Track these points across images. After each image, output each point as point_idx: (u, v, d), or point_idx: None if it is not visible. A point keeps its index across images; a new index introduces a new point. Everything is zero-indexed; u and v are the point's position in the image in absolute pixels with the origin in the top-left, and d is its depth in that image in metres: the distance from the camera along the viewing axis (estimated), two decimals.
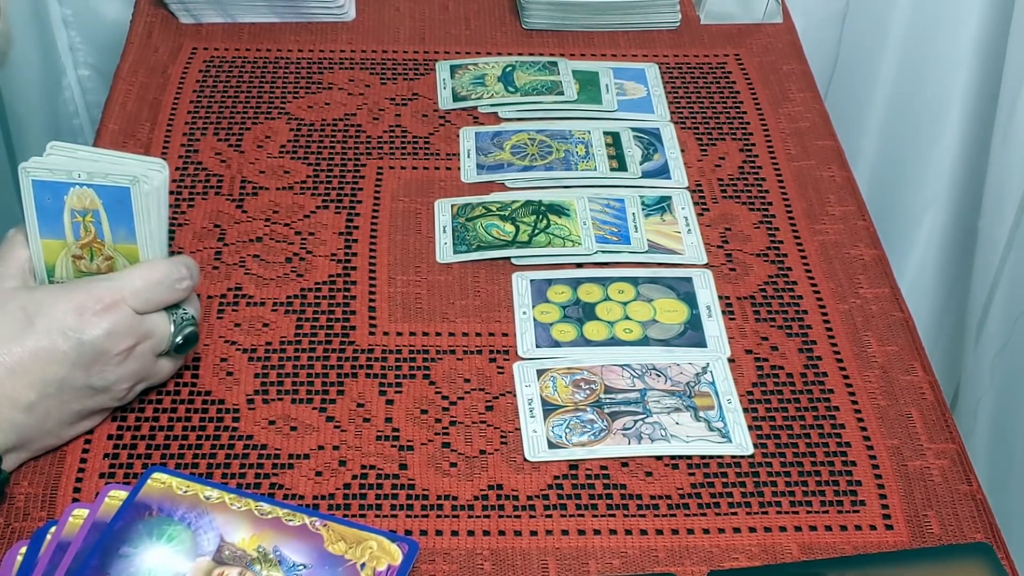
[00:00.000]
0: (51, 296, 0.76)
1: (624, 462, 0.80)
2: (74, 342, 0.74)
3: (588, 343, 0.87)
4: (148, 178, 0.77)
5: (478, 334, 0.88)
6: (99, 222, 0.78)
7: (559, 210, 0.97)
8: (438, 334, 0.88)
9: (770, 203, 1.00)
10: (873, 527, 0.77)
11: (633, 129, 1.06)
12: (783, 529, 0.76)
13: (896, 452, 0.81)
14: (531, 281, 0.92)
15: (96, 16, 1.43)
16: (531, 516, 0.76)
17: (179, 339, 0.80)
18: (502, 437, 0.81)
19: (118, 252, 0.79)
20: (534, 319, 0.89)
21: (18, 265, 0.79)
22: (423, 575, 0.73)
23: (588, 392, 0.84)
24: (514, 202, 0.98)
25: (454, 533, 0.75)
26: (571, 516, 0.77)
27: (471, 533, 0.75)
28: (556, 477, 0.79)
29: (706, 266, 0.94)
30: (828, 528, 0.77)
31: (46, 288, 0.78)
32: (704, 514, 0.77)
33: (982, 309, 1.36)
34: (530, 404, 0.83)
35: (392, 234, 0.96)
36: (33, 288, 0.78)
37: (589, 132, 1.05)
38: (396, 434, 0.81)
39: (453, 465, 0.79)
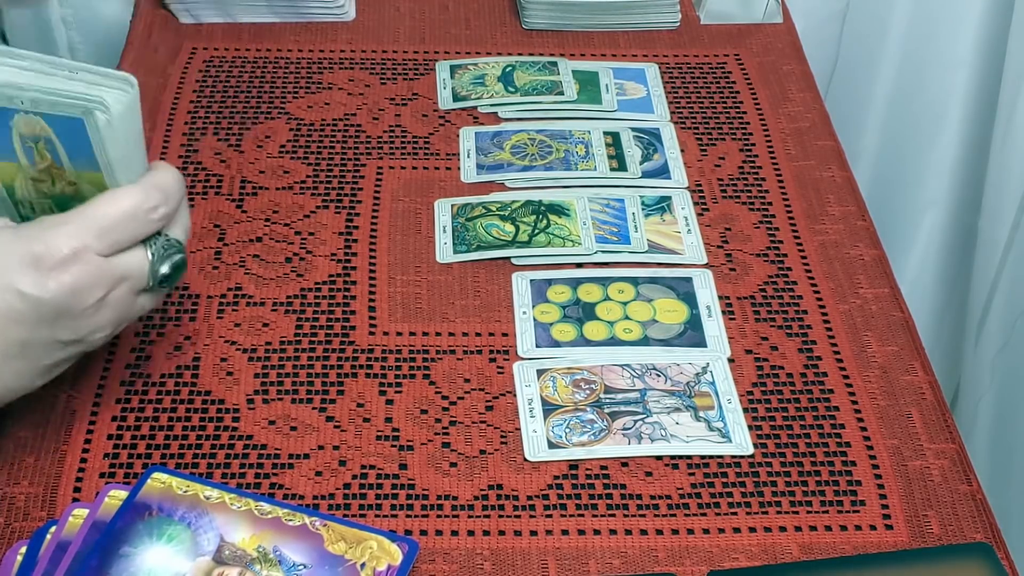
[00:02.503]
0: (3, 248, 0.66)
1: (624, 462, 0.80)
2: (32, 303, 0.65)
3: (588, 343, 0.87)
4: (106, 106, 0.65)
5: (478, 334, 0.88)
6: (54, 149, 0.67)
7: (559, 210, 0.97)
8: (438, 334, 0.88)
9: (770, 203, 1.00)
10: (873, 527, 0.77)
11: (633, 129, 1.06)
12: (783, 529, 0.76)
13: (896, 452, 0.81)
14: (531, 281, 0.92)
15: (96, 16, 1.42)
16: (531, 516, 0.76)
17: (164, 269, 0.70)
18: (502, 437, 0.81)
19: (82, 178, 0.68)
20: (534, 319, 0.89)
21: None
22: (423, 575, 0.73)
23: (588, 392, 0.84)
24: (514, 202, 0.98)
25: (454, 533, 0.75)
26: (571, 516, 0.77)
27: (471, 533, 0.75)
28: (556, 477, 0.79)
29: (706, 266, 0.94)
30: (828, 528, 0.77)
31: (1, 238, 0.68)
32: (704, 514, 0.77)
33: (982, 309, 1.36)
34: (530, 404, 0.83)
35: (392, 234, 0.96)
36: None
37: (589, 132, 1.05)
38: (396, 434, 0.81)
39: (453, 465, 0.79)
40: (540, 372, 0.85)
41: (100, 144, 0.66)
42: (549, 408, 0.83)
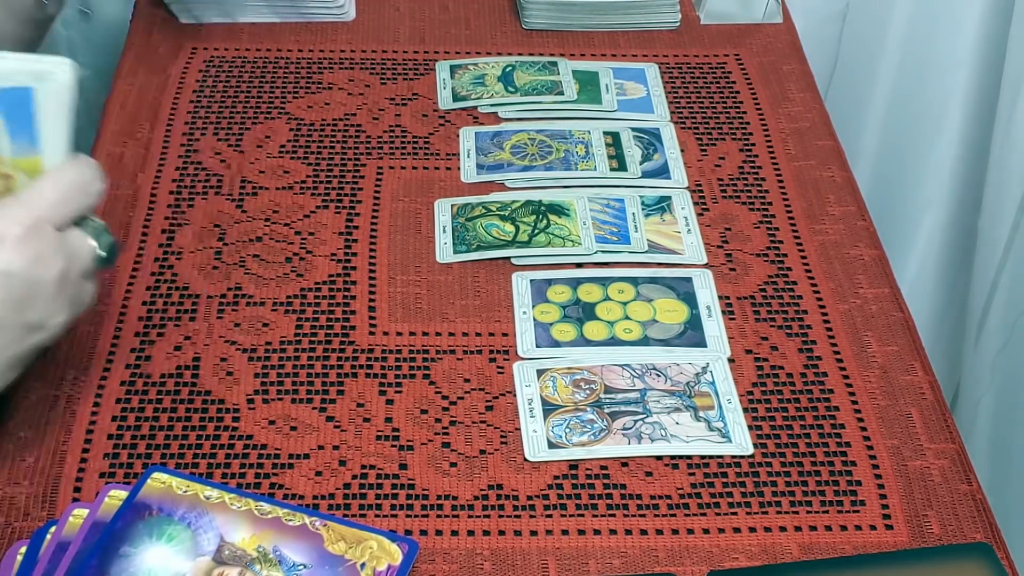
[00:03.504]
0: None
1: (624, 462, 0.80)
2: (2, 280, 0.66)
3: (588, 343, 0.87)
4: (53, 75, 0.68)
5: (478, 334, 0.88)
6: None
7: (559, 210, 0.97)
8: (438, 334, 0.88)
9: (770, 203, 1.00)
10: (873, 527, 0.77)
11: (633, 129, 1.06)
12: (783, 529, 0.76)
13: (896, 452, 0.81)
14: (531, 281, 0.92)
15: (96, 16, 1.43)
16: (531, 516, 0.76)
17: (102, 252, 0.72)
18: (502, 437, 0.81)
19: (18, 167, 0.70)
20: (534, 319, 0.89)
21: None
22: (423, 575, 0.73)
23: (588, 392, 0.84)
24: (514, 202, 0.98)
25: (454, 533, 0.75)
26: (571, 516, 0.77)
27: (471, 533, 0.75)
28: (556, 477, 0.79)
29: (706, 266, 0.94)
30: (828, 528, 0.77)
31: None
32: (704, 514, 0.77)
33: (982, 309, 1.36)
34: (530, 404, 0.83)
35: (392, 234, 0.96)
36: None
37: (589, 132, 1.05)
38: (396, 434, 0.81)
39: (453, 465, 0.79)
40: (540, 372, 0.85)
41: (47, 113, 0.67)
42: (549, 408, 0.83)
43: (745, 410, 0.83)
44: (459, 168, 1.02)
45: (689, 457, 0.80)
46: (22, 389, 0.82)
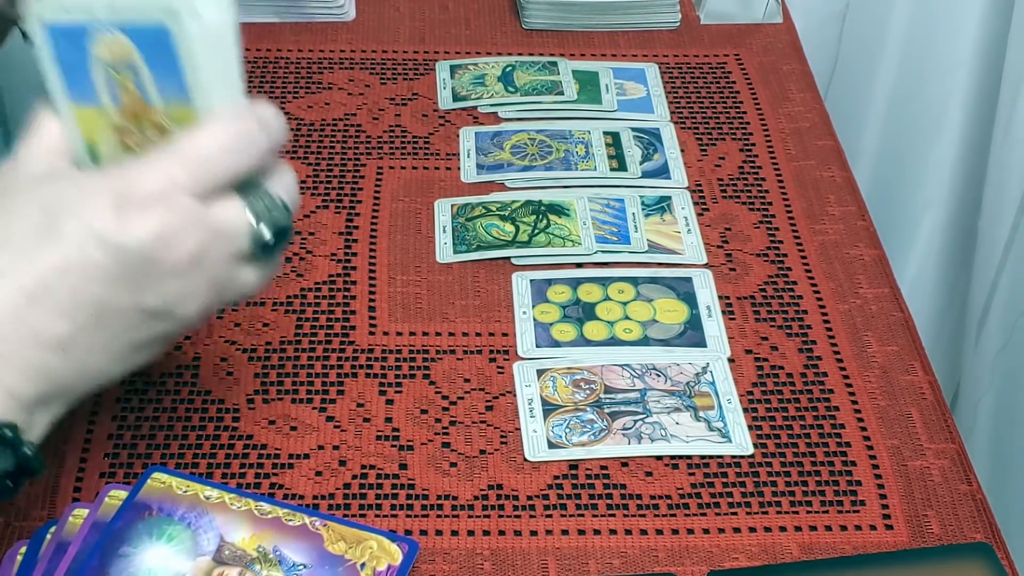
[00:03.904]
0: (79, 187, 0.56)
1: (624, 462, 0.80)
2: (113, 251, 0.55)
3: (588, 343, 0.87)
4: (194, 11, 0.55)
5: (478, 334, 0.88)
6: (141, 79, 0.58)
7: (559, 210, 0.97)
8: (438, 334, 0.88)
9: (770, 203, 1.00)
10: (873, 527, 0.77)
11: (633, 129, 1.06)
12: (783, 529, 0.76)
13: (896, 452, 0.81)
14: (531, 281, 0.92)
15: None
16: (531, 516, 0.76)
17: (266, 233, 0.58)
18: (502, 437, 0.81)
19: (172, 119, 0.58)
20: (534, 319, 0.89)
21: (45, 145, 0.58)
22: (423, 575, 0.73)
23: (588, 392, 0.84)
24: (514, 202, 0.98)
25: (454, 533, 0.75)
26: (571, 516, 0.77)
27: (471, 533, 0.75)
28: (556, 477, 0.79)
29: (706, 266, 0.94)
30: (828, 528, 0.77)
31: (74, 176, 0.58)
32: (704, 514, 0.77)
33: (982, 309, 1.36)
34: (530, 404, 0.83)
35: (392, 234, 0.96)
36: (58, 176, 0.58)
37: (589, 132, 1.05)
38: (396, 434, 0.81)
39: (453, 465, 0.79)
40: (540, 372, 0.85)
41: (190, 58, 0.56)
42: (549, 408, 0.83)
43: (745, 410, 0.83)
44: (459, 168, 1.02)
45: (689, 457, 0.80)
46: None
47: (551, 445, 0.80)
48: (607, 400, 0.83)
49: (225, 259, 0.58)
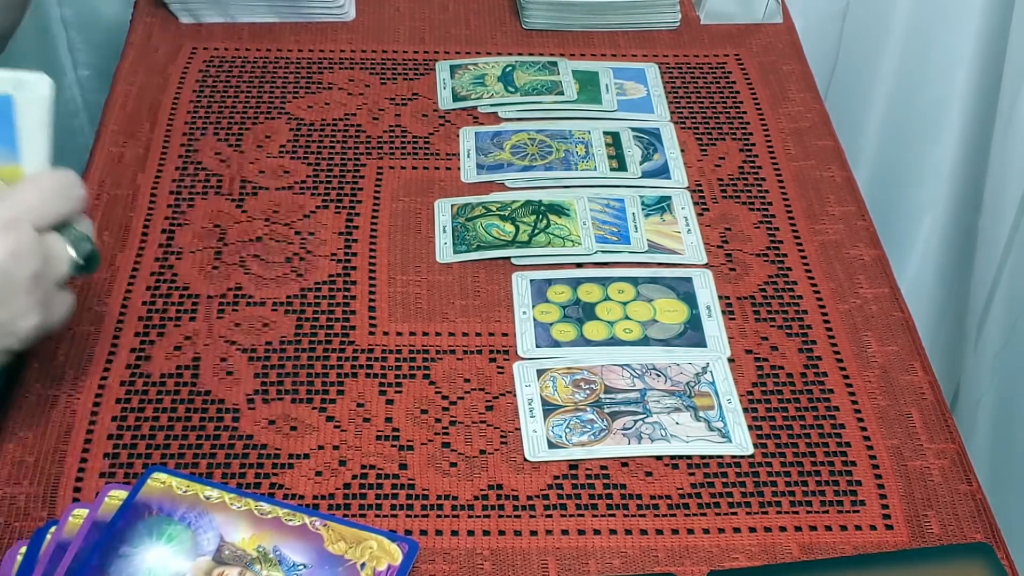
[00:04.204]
0: None
1: (624, 462, 0.80)
2: None
3: (588, 343, 0.87)
4: (32, 85, 0.69)
5: (478, 334, 0.88)
6: None
7: (559, 210, 0.97)
8: (438, 334, 0.88)
9: (770, 203, 1.00)
10: (873, 527, 0.77)
11: (633, 129, 1.06)
12: (783, 529, 0.76)
13: (896, 452, 0.81)
14: (531, 281, 0.92)
15: (96, 16, 1.43)
16: (531, 516, 0.76)
17: (79, 259, 0.71)
18: (502, 437, 0.81)
19: (2, 178, 0.71)
20: (534, 319, 0.89)
21: None
22: (423, 575, 0.73)
23: (588, 392, 0.84)
24: (514, 202, 0.98)
25: (454, 533, 0.75)
26: (571, 516, 0.77)
27: (471, 533, 0.75)
28: (556, 477, 0.79)
29: (706, 266, 0.94)
30: (828, 528, 0.77)
31: None
32: (704, 514, 0.77)
33: (982, 309, 1.36)
34: (530, 404, 0.83)
35: (392, 234, 0.96)
36: None
37: (589, 132, 1.05)
38: (396, 434, 0.81)
39: (453, 465, 0.79)
40: (540, 372, 0.85)
41: (27, 121, 0.68)
42: (549, 408, 0.83)
43: (745, 410, 0.83)
44: (459, 168, 1.02)
45: (689, 457, 0.80)
46: (22, 389, 0.82)
47: (551, 445, 0.80)
48: (607, 400, 0.83)
49: (53, 281, 0.70)
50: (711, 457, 0.80)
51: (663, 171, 1.02)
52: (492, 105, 1.08)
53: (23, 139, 0.69)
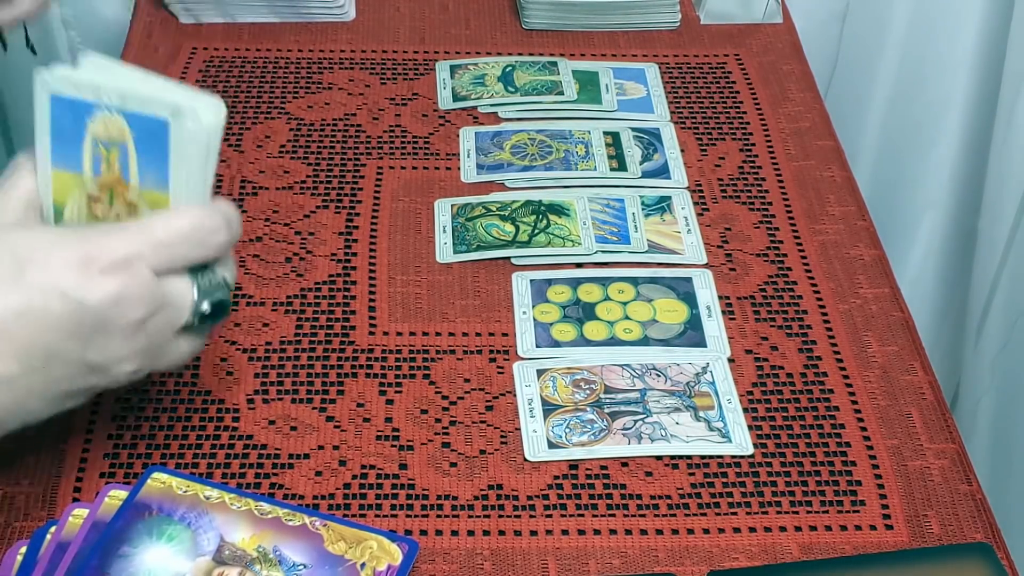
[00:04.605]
0: (50, 241, 0.60)
1: (624, 462, 0.80)
2: (73, 306, 0.59)
3: (588, 343, 0.87)
4: (195, 113, 0.61)
5: (478, 334, 0.88)
6: (126, 159, 0.63)
7: (559, 210, 0.97)
8: (438, 334, 0.88)
9: (770, 203, 1.00)
10: (873, 527, 0.77)
11: (633, 129, 1.06)
12: (783, 529, 0.76)
13: (896, 452, 0.81)
14: (531, 281, 0.92)
15: (96, 16, 1.42)
16: (531, 516, 0.76)
17: (205, 306, 0.64)
18: (502, 437, 0.81)
19: (143, 199, 0.64)
20: (534, 319, 0.89)
21: (21, 196, 0.64)
22: (423, 575, 0.73)
23: (588, 392, 0.84)
24: (514, 202, 0.98)
25: (454, 533, 0.75)
26: (571, 516, 0.77)
27: (471, 533, 0.75)
28: (556, 477, 0.79)
29: (706, 266, 0.94)
30: (828, 528, 0.77)
31: (47, 230, 0.63)
32: (704, 514, 0.77)
33: (982, 309, 1.36)
34: (530, 404, 0.83)
35: (392, 234, 0.96)
36: (31, 227, 0.63)
37: (589, 132, 1.05)
38: (396, 434, 0.81)
39: (453, 465, 0.79)
40: (540, 372, 0.85)
41: (180, 153, 0.62)
42: (549, 408, 0.83)
43: (745, 410, 0.83)
44: (459, 168, 1.02)
45: (689, 457, 0.80)
46: None
47: (551, 445, 0.80)
48: (607, 400, 0.83)
49: (166, 328, 0.64)
50: (711, 457, 0.80)
51: (663, 171, 1.02)
52: (492, 105, 1.08)
53: (175, 168, 0.62)
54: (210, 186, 0.64)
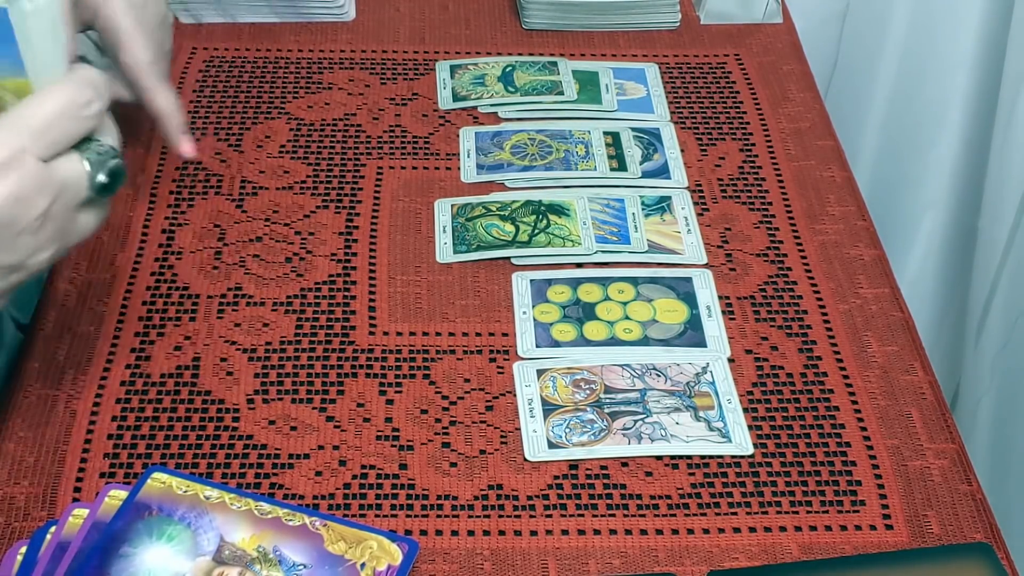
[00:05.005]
0: None
1: (624, 462, 0.80)
2: None
3: (588, 343, 0.87)
4: None
5: (478, 334, 0.88)
6: None
7: (559, 210, 0.97)
8: (438, 334, 0.88)
9: (770, 203, 1.00)
10: (873, 527, 0.77)
11: (633, 129, 1.06)
12: (783, 529, 0.76)
13: (896, 452, 0.81)
14: (531, 281, 0.92)
15: None
16: (531, 516, 0.76)
17: (102, 177, 0.64)
18: (502, 437, 0.81)
19: (6, 89, 0.63)
20: (534, 319, 0.89)
21: None
22: (423, 575, 0.73)
23: (588, 392, 0.84)
24: (514, 202, 0.98)
25: (454, 533, 0.75)
26: (571, 516, 0.77)
27: (471, 533, 0.75)
28: (556, 477, 0.79)
29: (706, 266, 0.94)
30: (828, 528, 0.77)
31: None
32: (704, 514, 0.77)
33: (982, 309, 1.36)
34: (530, 404, 0.83)
35: (392, 234, 0.96)
36: None
37: (589, 132, 1.05)
38: (396, 434, 0.81)
39: (453, 465, 0.79)
40: (540, 372, 0.85)
41: (26, 35, 0.61)
42: (549, 408, 0.83)
43: (745, 410, 0.83)
44: (459, 168, 1.02)
45: (689, 457, 0.80)
46: (22, 389, 0.82)
47: (551, 445, 0.80)
48: (607, 400, 0.83)
49: (67, 209, 0.63)
50: (711, 457, 0.80)
51: (663, 171, 1.02)
52: (492, 105, 1.08)
53: (26, 50, 0.61)
54: (68, 59, 0.63)
